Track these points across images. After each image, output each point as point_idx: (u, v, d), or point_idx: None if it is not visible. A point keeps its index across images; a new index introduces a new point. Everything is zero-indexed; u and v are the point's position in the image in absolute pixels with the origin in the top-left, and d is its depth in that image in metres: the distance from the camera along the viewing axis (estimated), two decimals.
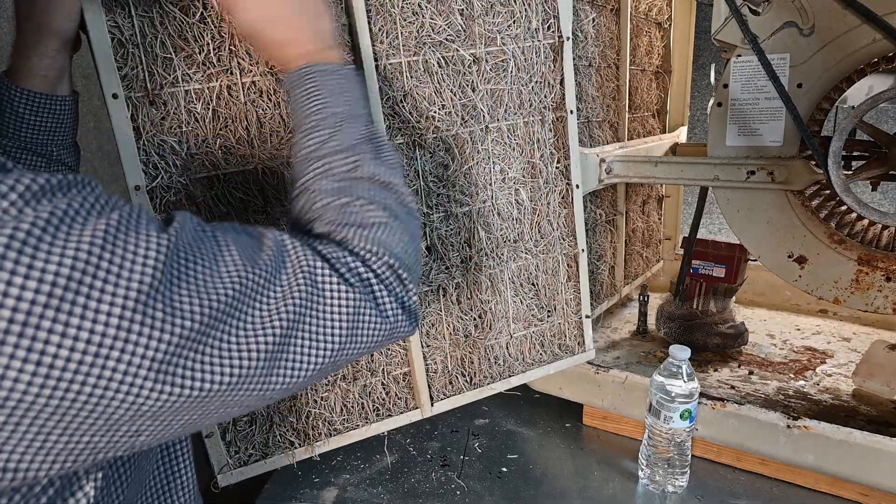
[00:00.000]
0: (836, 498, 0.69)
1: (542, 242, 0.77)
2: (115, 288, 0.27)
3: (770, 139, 0.75)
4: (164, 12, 0.53)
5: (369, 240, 0.41)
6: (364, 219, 0.42)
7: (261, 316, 0.33)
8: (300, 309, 0.35)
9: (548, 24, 0.70)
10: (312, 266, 0.37)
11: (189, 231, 0.33)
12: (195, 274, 0.31)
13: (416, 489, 0.73)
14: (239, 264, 0.33)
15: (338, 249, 0.39)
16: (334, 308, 0.37)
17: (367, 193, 0.43)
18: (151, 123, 0.55)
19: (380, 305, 0.40)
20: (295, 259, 0.37)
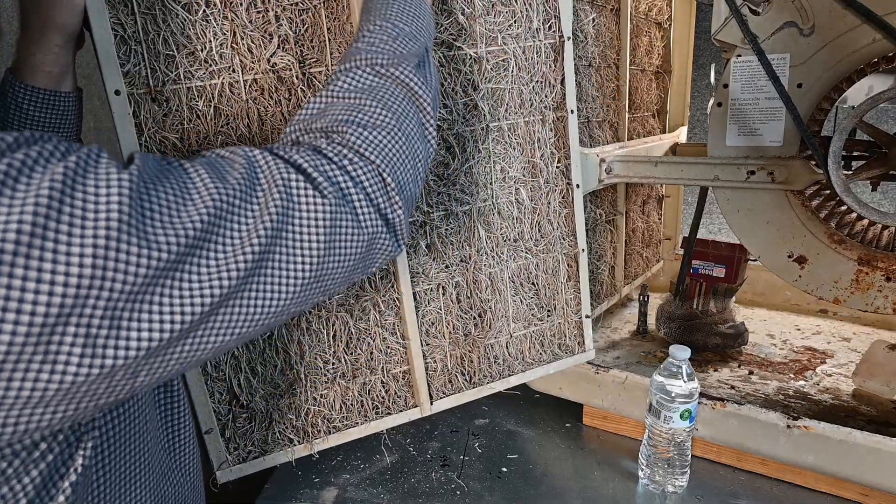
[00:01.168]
0: (836, 498, 0.69)
1: (543, 242, 0.77)
2: (83, 229, 0.26)
3: (770, 139, 0.75)
4: (166, 9, 0.54)
5: (366, 140, 0.40)
6: (369, 119, 0.41)
7: (239, 235, 0.33)
8: (277, 224, 0.34)
9: (549, 23, 0.70)
10: (286, 178, 0.36)
11: (152, 165, 0.32)
12: (167, 203, 0.30)
13: (416, 489, 0.73)
14: (210, 187, 0.33)
15: (315, 156, 0.38)
16: (311, 219, 0.36)
17: (387, 98, 0.43)
18: (153, 120, 0.55)
19: (357, 213, 0.38)
20: (268, 173, 0.36)
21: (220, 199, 0.32)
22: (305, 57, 0.59)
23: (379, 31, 0.46)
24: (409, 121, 0.44)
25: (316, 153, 0.39)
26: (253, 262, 0.33)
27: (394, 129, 0.42)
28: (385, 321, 0.70)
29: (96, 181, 0.28)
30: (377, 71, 0.44)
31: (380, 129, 0.41)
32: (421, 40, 0.49)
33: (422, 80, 0.46)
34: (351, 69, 0.45)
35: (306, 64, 0.60)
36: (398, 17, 0.48)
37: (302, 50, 0.59)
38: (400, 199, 0.41)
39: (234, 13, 0.56)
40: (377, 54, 0.45)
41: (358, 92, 0.43)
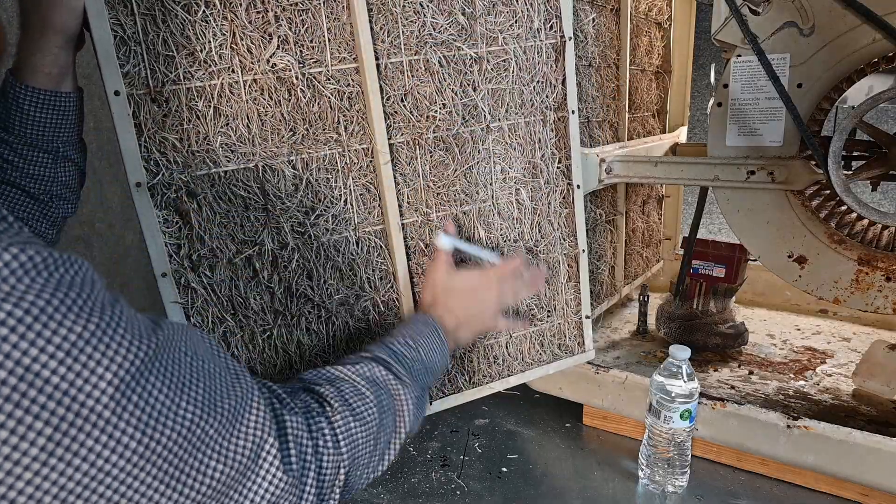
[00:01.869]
0: (836, 498, 0.69)
1: (543, 242, 0.77)
2: (56, 406, 0.26)
3: (770, 139, 0.75)
4: (166, 10, 0.54)
5: (347, 427, 0.44)
6: (360, 412, 0.46)
7: (199, 468, 0.33)
8: (235, 475, 0.35)
9: (550, 23, 0.70)
10: (264, 435, 0.37)
11: (171, 346, 0.33)
12: (153, 401, 0.30)
13: (416, 489, 0.73)
14: (199, 405, 0.33)
15: (302, 427, 0.41)
16: (264, 486, 0.37)
17: (383, 403, 0.49)
18: (153, 120, 0.55)
19: (301, 498, 0.40)
20: (253, 419, 0.37)
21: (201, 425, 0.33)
22: (305, 57, 0.59)
23: (407, 348, 0.55)
24: (385, 432, 0.49)
25: (304, 421, 0.42)
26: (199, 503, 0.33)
27: (371, 433, 0.47)
28: (385, 321, 0.70)
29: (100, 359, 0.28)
30: (387, 378, 0.51)
31: (363, 424, 0.46)
32: (432, 376, 0.57)
33: (414, 410, 0.52)
34: (373, 361, 0.52)
35: (306, 64, 0.60)
36: (427, 349, 0.57)
37: (301, 50, 0.59)
38: (339, 494, 0.44)
39: (233, 14, 0.56)
40: (397, 364, 0.53)
41: (367, 381, 0.49)
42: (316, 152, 0.62)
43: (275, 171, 0.61)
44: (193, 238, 0.58)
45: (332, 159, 0.63)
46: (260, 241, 0.61)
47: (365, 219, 0.66)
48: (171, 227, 0.58)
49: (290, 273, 0.63)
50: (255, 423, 0.37)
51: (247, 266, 0.61)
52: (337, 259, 0.65)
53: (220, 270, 0.60)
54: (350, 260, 0.66)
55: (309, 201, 0.63)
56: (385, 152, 0.64)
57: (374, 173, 0.65)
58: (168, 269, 0.58)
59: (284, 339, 0.65)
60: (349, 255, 0.66)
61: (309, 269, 0.64)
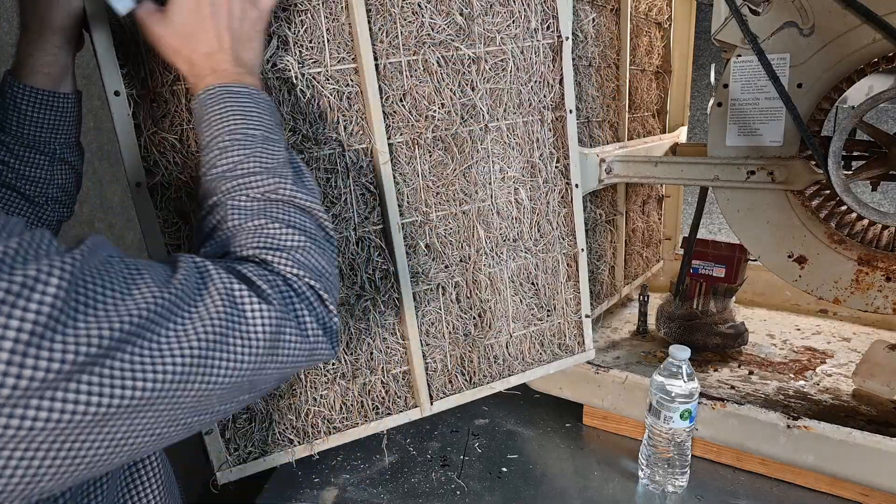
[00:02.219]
0: (836, 498, 0.69)
1: (542, 242, 0.77)
2: (8, 319, 0.26)
3: (770, 139, 0.75)
4: None
5: (290, 261, 0.41)
6: (282, 242, 0.42)
7: (176, 335, 0.32)
8: (220, 329, 0.34)
9: (547, 24, 0.70)
10: (230, 288, 0.36)
11: (98, 255, 0.31)
12: (103, 299, 0.29)
13: (416, 489, 0.73)
14: (152, 286, 0.32)
15: (259, 267, 0.39)
16: (256, 327, 0.36)
17: (286, 217, 0.43)
18: (152, 121, 0.55)
19: (301, 325, 0.39)
20: (215, 281, 0.36)
21: (162, 297, 0.32)
22: (304, 58, 0.60)
23: (232, 147, 0.44)
24: (313, 231, 0.44)
25: (258, 265, 0.39)
26: (191, 363, 0.33)
27: (307, 245, 0.43)
28: (385, 321, 0.70)
29: (37, 268, 0.27)
30: (257, 197, 0.43)
31: (296, 249, 0.42)
32: (276, 139, 0.46)
33: (305, 191, 0.45)
34: (229, 198, 0.43)
35: (305, 65, 0.60)
36: (244, 123, 0.45)
37: (301, 51, 0.59)
38: (334, 306, 0.43)
39: None
40: (247, 178, 0.44)
41: (251, 218, 0.43)
42: (316, 152, 0.62)
43: None
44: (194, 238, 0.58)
45: (332, 159, 0.63)
46: None
47: (365, 218, 0.66)
48: (171, 228, 0.58)
49: None
50: (214, 280, 0.36)
51: None
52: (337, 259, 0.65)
53: None
54: (350, 260, 0.66)
55: None
56: (384, 152, 0.64)
57: (374, 173, 0.65)
58: None
59: None
60: (349, 254, 0.66)
61: None
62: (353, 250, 0.66)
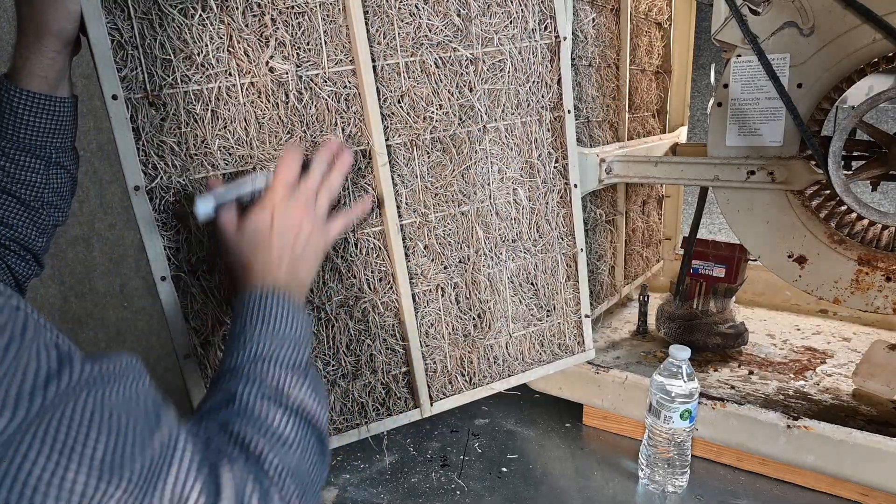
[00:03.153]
0: (836, 498, 0.69)
1: (541, 242, 0.77)
2: None
3: (770, 139, 0.75)
4: (163, 14, 0.54)
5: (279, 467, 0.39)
6: (281, 437, 0.41)
7: None
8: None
9: (545, 24, 0.70)
10: (186, 494, 0.32)
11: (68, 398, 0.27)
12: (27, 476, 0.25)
13: (416, 489, 0.73)
14: (94, 471, 0.27)
15: (244, 472, 0.36)
16: None
17: (294, 412, 0.43)
18: (151, 124, 0.55)
19: None
20: (175, 475, 0.32)
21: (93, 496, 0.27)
22: (302, 60, 0.60)
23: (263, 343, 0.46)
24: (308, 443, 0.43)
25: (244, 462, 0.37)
26: None
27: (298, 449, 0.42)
28: (384, 323, 0.70)
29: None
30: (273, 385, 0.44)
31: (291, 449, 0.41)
32: (304, 349, 0.49)
33: (315, 400, 0.46)
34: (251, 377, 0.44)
35: (302, 67, 0.60)
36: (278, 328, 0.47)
37: (298, 53, 0.59)
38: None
39: (230, 17, 0.56)
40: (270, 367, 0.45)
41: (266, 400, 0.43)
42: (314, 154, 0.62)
43: None
44: (192, 241, 0.59)
45: None
46: None
47: (363, 220, 0.66)
48: (170, 231, 0.58)
49: None
50: (176, 481, 0.32)
51: None
52: (336, 261, 0.66)
53: (219, 274, 0.60)
54: (349, 262, 0.66)
55: None
56: (383, 154, 0.64)
57: (372, 175, 0.65)
58: (167, 273, 0.58)
59: None
60: (348, 256, 0.66)
61: None
62: (352, 252, 0.66)
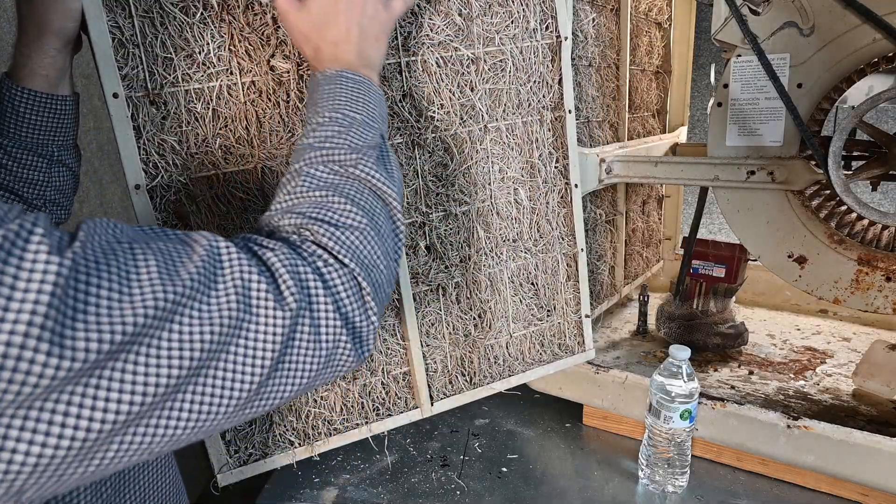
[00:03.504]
0: (836, 498, 0.69)
1: (542, 242, 0.77)
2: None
3: (770, 139, 0.75)
4: (164, 12, 0.54)
5: (340, 241, 0.38)
6: (340, 218, 0.40)
7: (179, 339, 0.30)
8: (226, 332, 0.32)
9: (546, 24, 0.70)
10: (247, 281, 0.33)
11: (98, 244, 0.29)
12: (97, 300, 0.27)
13: (416, 489, 0.73)
14: (156, 282, 0.30)
15: (290, 254, 0.36)
16: (265, 332, 0.34)
17: (354, 195, 0.42)
18: (152, 123, 0.55)
19: (319, 325, 0.36)
20: (229, 271, 0.33)
21: (164, 298, 0.30)
22: (303, 59, 0.59)
23: (329, 123, 0.45)
24: (379, 219, 0.42)
25: (291, 250, 0.37)
26: (190, 368, 0.31)
27: (367, 230, 0.41)
28: (385, 322, 0.70)
29: (18, 268, 0.25)
30: (335, 169, 0.43)
31: (352, 229, 0.40)
32: (375, 127, 0.47)
33: (384, 176, 0.44)
34: (309, 166, 0.43)
35: (303, 66, 0.60)
36: (348, 105, 0.46)
37: (299, 52, 0.59)
38: (375, 303, 0.39)
39: (231, 16, 0.56)
40: (333, 150, 0.43)
41: (322, 189, 0.41)
42: None
43: (274, 172, 0.61)
44: None
45: None
46: None
47: None
48: None
49: None
50: (232, 273, 0.33)
51: None
52: None
53: None
54: None
55: None
56: None
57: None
58: None
59: None
60: None
61: None
62: None
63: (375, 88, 0.49)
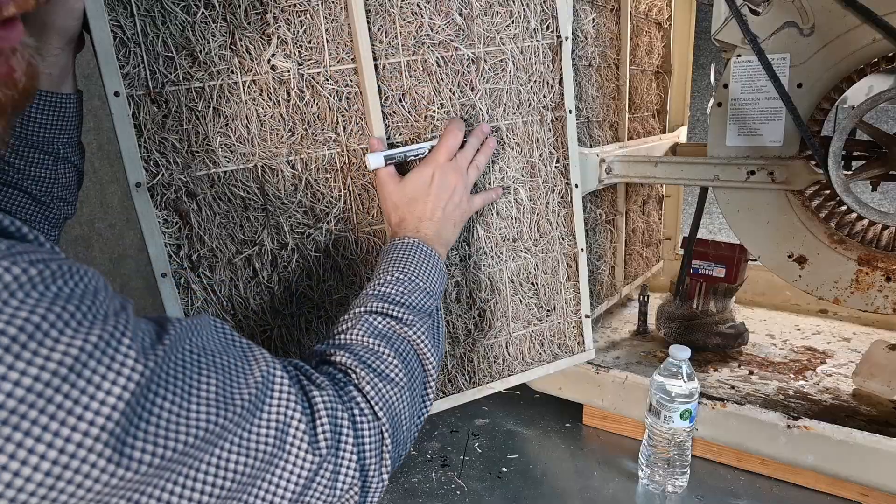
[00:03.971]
0: (836, 498, 0.69)
1: (542, 242, 0.77)
2: (60, 426, 0.25)
3: (770, 139, 0.75)
4: (165, 11, 0.54)
5: (378, 392, 0.42)
6: (385, 370, 0.44)
7: (216, 465, 0.32)
8: (259, 464, 0.34)
9: (546, 24, 0.70)
10: (289, 418, 0.36)
11: (178, 349, 0.31)
12: (159, 412, 0.29)
13: (416, 489, 0.73)
14: (212, 403, 0.32)
15: (333, 398, 0.39)
16: (293, 471, 0.36)
17: (402, 352, 0.47)
18: (153, 121, 0.55)
19: (338, 472, 0.39)
20: (276, 403, 0.36)
21: (215, 422, 0.32)
22: (303, 58, 0.60)
23: (396, 283, 0.51)
24: (416, 381, 0.47)
25: (335, 392, 0.40)
26: (219, 497, 0.32)
27: (404, 388, 0.45)
28: None
29: (108, 368, 0.27)
30: (391, 325, 0.48)
31: (393, 384, 0.44)
32: (434, 297, 0.53)
33: (432, 345, 0.49)
34: (369, 314, 0.48)
35: (304, 65, 0.60)
36: (416, 272, 0.52)
37: (300, 51, 0.59)
38: (390, 461, 0.42)
39: (232, 15, 0.56)
40: (393, 307, 0.49)
41: (376, 337, 0.46)
42: (315, 152, 0.62)
43: (274, 171, 0.61)
44: (193, 238, 0.59)
45: (331, 159, 0.63)
46: (259, 241, 0.61)
47: (364, 218, 0.66)
48: (171, 228, 0.58)
49: (289, 273, 0.63)
50: (279, 406, 0.36)
51: (246, 266, 0.61)
52: (336, 259, 0.66)
53: (219, 271, 0.60)
54: (349, 260, 0.66)
55: (308, 201, 0.63)
56: None
57: (373, 173, 0.65)
58: (168, 270, 0.58)
59: (284, 339, 0.65)
60: (348, 254, 0.66)
61: (308, 268, 0.64)
62: (353, 250, 0.66)
63: (442, 265, 0.56)
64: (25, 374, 0.24)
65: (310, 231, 0.63)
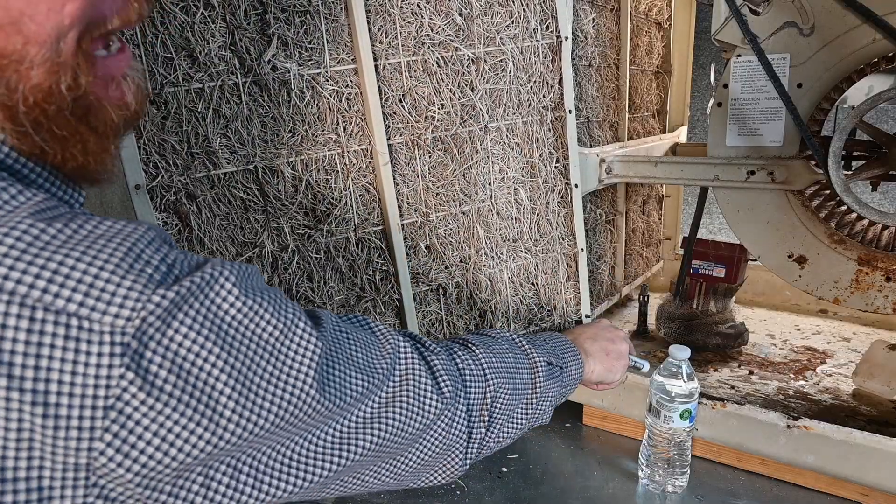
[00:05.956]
0: (836, 498, 0.69)
1: (542, 242, 0.77)
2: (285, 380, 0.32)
3: (770, 139, 0.75)
4: (164, 12, 0.54)
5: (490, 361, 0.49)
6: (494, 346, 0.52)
7: (363, 417, 0.38)
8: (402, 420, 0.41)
9: (546, 24, 0.70)
10: (417, 375, 0.42)
11: (331, 331, 0.38)
12: (336, 367, 0.36)
13: (417, 489, 0.73)
14: (363, 369, 0.38)
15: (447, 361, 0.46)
16: (419, 410, 0.42)
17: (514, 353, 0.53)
18: (152, 123, 0.55)
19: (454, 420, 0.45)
20: (404, 366, 0.42)
21: (365, 387, 0.38)
22: (304, 59, 0.60)
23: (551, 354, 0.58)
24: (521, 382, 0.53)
25: (447, 355, 0.47)
26: (370, 451, 0.39)
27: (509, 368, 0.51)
28: (386, 323, 0.70)
29: (297, 347, 0.33)
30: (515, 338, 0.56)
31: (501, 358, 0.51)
32: (565, 385, 0.59)
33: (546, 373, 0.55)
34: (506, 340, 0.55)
35: (304, 66, 0.60)
36: (564, 359, 0.59)
37: (300, 52, 0.59)
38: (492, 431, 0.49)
39: (232, 15, 0.56)
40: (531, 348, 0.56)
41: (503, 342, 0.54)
42: (315, 153, 0.62)
43: (274, 172, 0.61)
44: (193, 240, 0.59)
45: (332, 160, 0.63)
46: (260, 242, 0.61)
47: (365, 220, 0.66)
48: (171, 230, 0.58)
49: (290, 275, 0.63)
50: (407, 367, 0.42)
51: None
52: (337, 260, 0.66)
53: None
54: (350, 261, 0.66)
55: (308, 203, 0.63)
56: (384, 153, 0.64)
57: (374, 174, 0.65)
58: None
59: None
60: (349, 256, 0.66)
61: (309, 270, 0.64)
62: (354, 251, 0.66)
63: (573, 379, 0.61)
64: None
65: (310, 233, 0.63)
